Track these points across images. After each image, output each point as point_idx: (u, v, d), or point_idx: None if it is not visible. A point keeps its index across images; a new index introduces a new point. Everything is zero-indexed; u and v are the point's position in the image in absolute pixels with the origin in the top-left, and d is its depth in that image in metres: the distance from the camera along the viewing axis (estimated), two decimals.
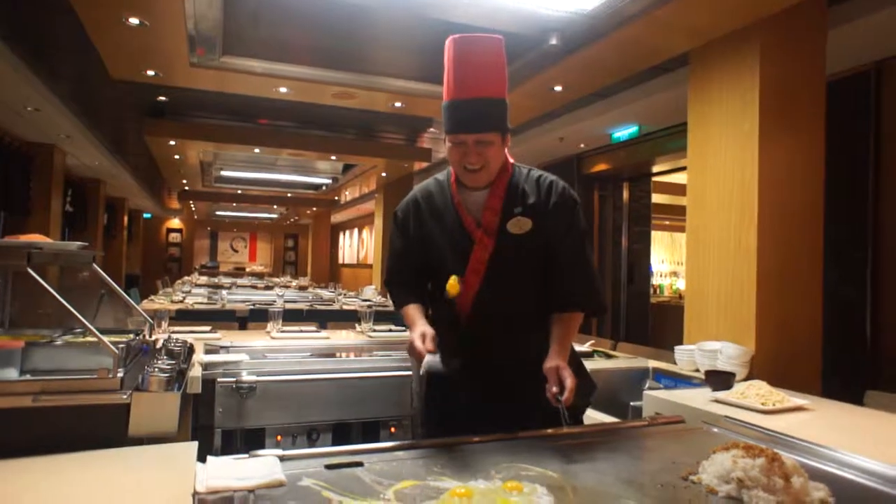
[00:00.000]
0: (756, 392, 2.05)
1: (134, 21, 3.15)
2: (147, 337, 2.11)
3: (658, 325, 6.79)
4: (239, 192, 13.24)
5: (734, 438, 1.49)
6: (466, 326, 1.71)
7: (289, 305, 5.52)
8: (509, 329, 1.70)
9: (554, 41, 3.18)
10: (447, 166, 1.78)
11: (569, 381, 1.50)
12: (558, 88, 4.11)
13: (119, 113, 6.62)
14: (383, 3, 2.93)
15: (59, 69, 5.02)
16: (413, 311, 1.70)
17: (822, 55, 3.01)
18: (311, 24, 3.61)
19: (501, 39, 1.62)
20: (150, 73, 4.05)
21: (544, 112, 5.10)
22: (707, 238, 3.09)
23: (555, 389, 1.51)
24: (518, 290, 1.70)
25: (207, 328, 3.46)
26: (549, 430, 1.55)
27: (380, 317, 4.05)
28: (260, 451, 1.29)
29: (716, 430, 1.68)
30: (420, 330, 1.54)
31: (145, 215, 17.05)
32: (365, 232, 16.99)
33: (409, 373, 2.69)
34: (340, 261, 20.41)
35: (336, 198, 13.84)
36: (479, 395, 1.68)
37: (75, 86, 5.56)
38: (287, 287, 8.60)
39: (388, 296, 1.79)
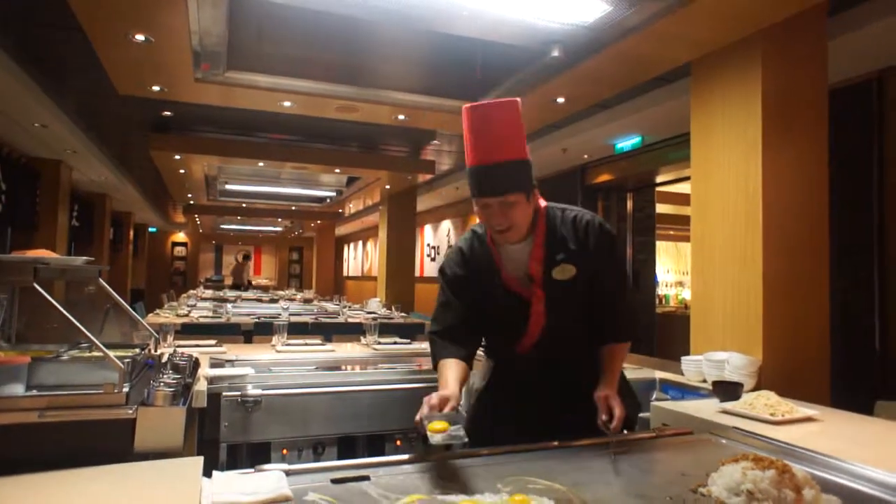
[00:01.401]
0: (764, 402, 2.03)
1: (140, 37, 3.18)
2: (152, 351, 2.10)
3: (664, 335, 6.75)
4: (243, 205, 13.30)
5: (743, 450, 1.47)
6: (524, 369, 1.80)
7: (294, 318, 5.52)
8: (566, 364, 1.78)
9: (556, 53, 3.20)
10: (449, 178, 1.82)
11: (617, 411, 1.55)
12: (561, 100, 4.13)
13: (125, 128, 6.67)
14: (386, 16, 2.96)
15: (66, 86, 5.08)
16: (448, 368, 1.65)
17: (824, 64, 3.02)
18: (315, 38, 3.64)
19: (517, 102, 1.65)
20: (156, 88, 4.09)
21: (547, 124, 5.12)
22: (712, 247, 3.09)
23: (604, 417, 1.55)
24: (573, 329, 1.78)
25: (212, 342, 3.46)
26: (555, 443, 1.54)
27: (385, 329, 4.04)
28: (266, 466, 1.28)
29: (724, 441, 1.67)
30: (444, 393, 1.48)
31: (151, 229, 17.14)
32: (370, 244, 17.02)
33: (415, 385, 2.69)
34: (345, 273, 20.44)
35: (340, 210, 13.88)
36: (531, 422, 1.74)
37: (82, 102, 5.62)
38: (292, 300, 8.61)
39: (431, 349, 1.78)
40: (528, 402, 1.78)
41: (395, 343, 3.78)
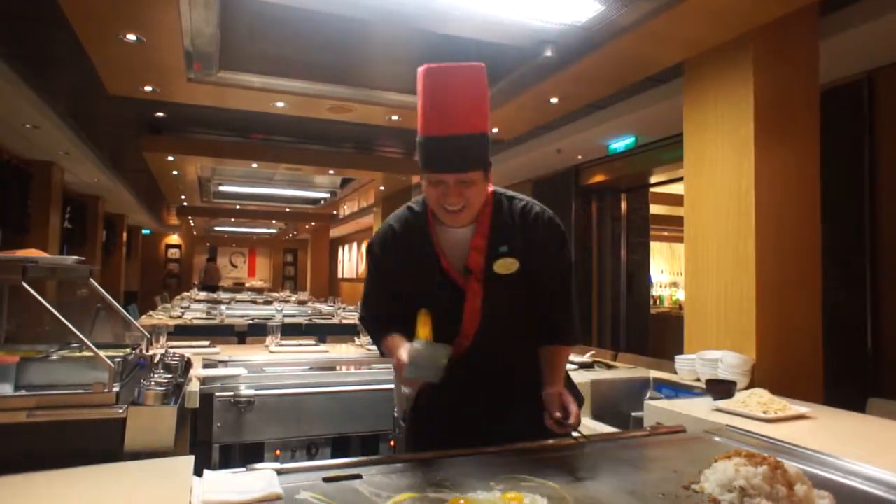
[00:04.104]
0: (757, 400, 2.03)
1: (131, 37, 3.17)
2: (144, 351, 2.09)
3: (658, 335, 6.77)
4: (237, 207, 13.27)
5: (736, 447, 1.47)
6: (461, 367, 1.60)
7: (288, 320, 5.50)
8: (504, 362, 1.65)
9: (549, 53, 3.20)
10: None
11: (573, 407, 1.47)
12: (554, 100, 4.13)
13: (117, 129, 6.64)
14: (379, 16, 2.95)
15: (58, 86, 5.05)
16: (396, 339, 1.56)
17: (816, 64, 3.03)
18: (308, 38, 3.64)
19: (482, 67, 1.48)
20: (148, 88, 4.07)
21: (541, 124, 5.12)
22: (705, 247, 3.09)
23: (558, 415, 1.46)
24: (512, 327, 1.63)
25: (206, 343, 3.44)
26: (551, 441, 1.53)
27: None
28: (257, 465, 1.27)
29: (717, 438, 1.67)
30: (406, 347, 1.44)
31: (144, 231, 17.06)
32: (364, 246, 16.99)
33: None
34: (340, 275, 20.39)
35: (335, 212, 13.87)
36: (471, 423, 1.61)
37: (73, 103, 5.59)
38: (286, 302, 8.58)
39: (366, 334, 1.67)
40: (464, 408, 1.62)
41: None
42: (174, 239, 19.04)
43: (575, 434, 1.51)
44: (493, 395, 1.63)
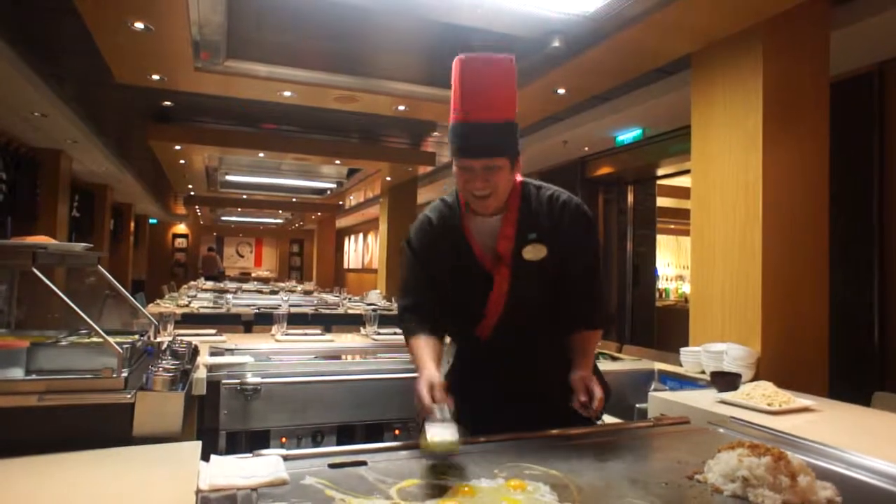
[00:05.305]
0: (762, 393, 2.03)
1: (139, 25, 3.17)
2: (152, 339, 2.11)
3: (663, 328, 6.76)
4: (244, 196, 13.28)
5: (740, 438, 1.48)
6: (487, 351, 1.70)
7: (294, 309, 5.52)
8: (530, 348, 1.70)
9: (556, 44, 3.19)
10: (450, 170, 1.75)
11: (598, 391, 1.49)
12: (561, 91, 4.12)
13: (125, 118, 6.66)
14: (386, 6, 2.95)
15: (66, 74, 5.07)
16: (422, 349, 1.58)
17: (826, 56, 3.00)
18: (315, 27, 3.63)
19: (512, 59, 1.57)
20: (155, 77, 4.08)
21: (548, 115, 5.10)
22: (712, 239, 3.08)
23: (583, 398, 1.49)
24: (537, 312, 1.68)
25: (212, 331, 3.46)
26: (554, 431, 1.54)
27: (384, 320, 4.04)
28: (263, 451, 1.29)
29: (721, 430, 1.67)
30: (427, 377, 1.44)
31: (151, 221, 17.12)
32: (370, 237, 17.01)
33: (414, 375, 2.69)
34: (346, 266, 20.44)
35: (341, 202, 13.87)
36: (499, 409, 1.65)
37: (81, 91, 5.61)
38: (292, 291, 8.61)
39: (400, 325, 1.71)
40: (490, 391, 1.68)
41: (394, 334, 3.78)
42: (181, 228, 19.10)
43: (598, 421, 1.54)
44: (515, 380, 1.67)
